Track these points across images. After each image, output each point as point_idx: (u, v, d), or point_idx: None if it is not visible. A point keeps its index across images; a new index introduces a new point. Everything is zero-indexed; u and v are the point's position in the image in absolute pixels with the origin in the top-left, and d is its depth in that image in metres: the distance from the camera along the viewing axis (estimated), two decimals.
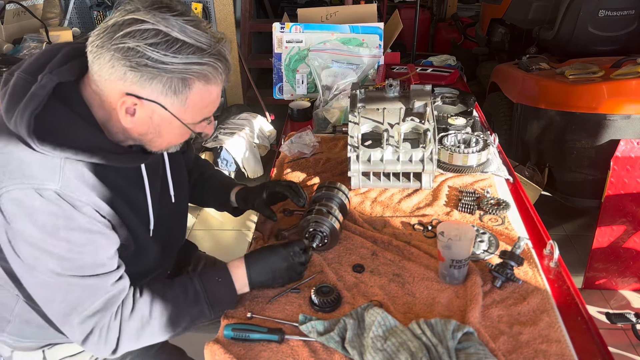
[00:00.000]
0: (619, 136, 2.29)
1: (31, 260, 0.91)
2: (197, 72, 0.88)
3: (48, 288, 0.93)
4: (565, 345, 0.98)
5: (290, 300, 1.13)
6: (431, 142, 1.46)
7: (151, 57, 0.84)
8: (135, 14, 0.85)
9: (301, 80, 2.39)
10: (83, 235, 0.92)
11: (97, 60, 0.88)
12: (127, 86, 0.88)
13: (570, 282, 1.16)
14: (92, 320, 0.95)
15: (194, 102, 0.92)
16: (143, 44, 0.84)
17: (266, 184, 1.33)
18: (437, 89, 2.07)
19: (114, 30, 0.85)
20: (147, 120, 0.93)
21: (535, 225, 1.38)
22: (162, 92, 0.89)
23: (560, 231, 2.82)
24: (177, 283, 1.05)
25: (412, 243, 1.30)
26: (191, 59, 0.86)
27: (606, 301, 2.33)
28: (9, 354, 1.20)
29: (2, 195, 0.87)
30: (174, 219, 1.21)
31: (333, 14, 2.58)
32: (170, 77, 0.87)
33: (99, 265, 0.94)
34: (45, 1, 3.01)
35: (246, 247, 1.40)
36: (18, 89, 0.90)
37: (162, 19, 0.85)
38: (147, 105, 0.90)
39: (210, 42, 0.88)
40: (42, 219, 0.88)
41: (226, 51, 0.92)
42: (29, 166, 0.88)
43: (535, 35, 3.24)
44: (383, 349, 0.97)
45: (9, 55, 2.49)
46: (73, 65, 0.93)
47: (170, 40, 0.85)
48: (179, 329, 1.03)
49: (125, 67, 0.85)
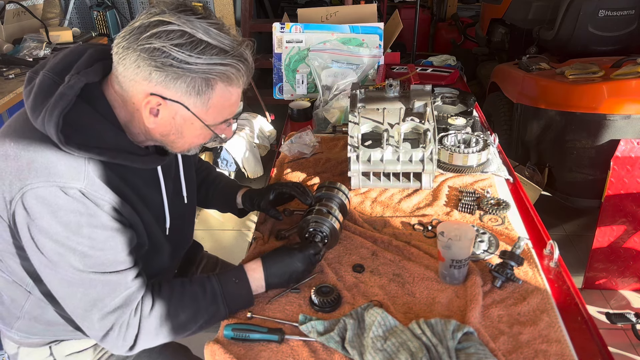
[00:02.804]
0: (619, 136, 2.29)
1: (54, 256, 0.92)
2: (220, 72, 0.91)
3: (69, 284, 0.95)
4: (565, 345, 0.98)
5: (290, 300, 1.13)
6: (431, 142, 1.46)
7: (176, 58, 0.87)
8: (161, 16, 0.87)
9: (301, 80, 2.39)
10: (105, 232, 0.94)
11: (122, 61, 0.90)
12: (151, 86, 0.90)
13: (570, 282, 1.16)
14: (113, 317, 0.96)
15: (216, 103, 0.95)
16: (169, 45, 0.86)
17: (272, 185, 1.36)
18: (437, 89, 2.07)
19: (140, 31, 0.88)
20: (170, 120, 0.95)
21: (535, 225, 1.38)
22: (185, 92, 0.91)
23: (560, 231, 2.82)
24: (195, 282, 1.06)
25: (412, 243, 1.30)
26: (215, 60, 0.89)
27: (606, 301, 2.33)
28: (15, 350, 1.21)
29: (27, 192, 0.89)
30: (185, 219, 1.24)
31: (333, 14, 2.58)
32: (194, 77, 0.90)
33: (120, 262, 0.96)
34: (45, 1, 3.01)
35: (246, 247, 1.40)
36: (45, 88, 0.92)
37: (187, 21, 0.87)
38: (170, 105, 0.93)
39: (232, 45, 0.91)
40: (67, 216, 0.90)
41: (248, 54, 0.95)
42: (54, 164, 0.90)
43: (535, 35, 3.24)
44: (383, 349, 0.97)
45: (9, 55, 2.49)
46: (98, 66, 0.96)
47: (195, 42, 0.87)
48: (195, 327, 1.04)
49: (150, 67, 0.88)
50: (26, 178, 0.89)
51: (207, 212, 2.98)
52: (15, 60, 2.43)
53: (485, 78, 3.77)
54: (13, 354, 1.21)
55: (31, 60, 2.47)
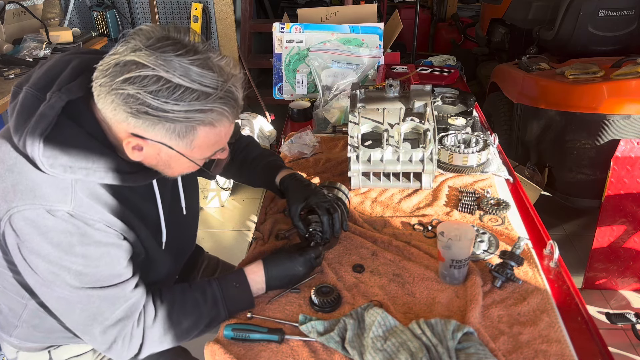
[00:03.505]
0: (619, 136, 2.29)
1: (49, 276, 0.90)
2: (200, 119, 0.85)
3: (67, 302, 0.93)
4: (565, 345, 0.98)
5: (290, 300, 1.13)
6: (431, 142, 1.46)
7: (152, 105, 0.81)
8: (137, 55, 0.80)
9: (301, 80, 2.39)
10: (98, 249, 0.91)
11: (100, 99, 0.85)
12: (130, 128, 0.86)
13: (570, 282, 1.16)
14: (115, 329, 0.95)
15: (201, 143, 0.89)
16: (143, 92, 0.80)
17: (311, 193, 1.23)
18: (437, 89, 2.07)
19: (115, 72, 0.81)
20: (155, 156, 0.91)
21: (535, 225, 1.38)
22: (166, 135, 0.86)
23: (560, 231, 2.82)
24: (196, 287, 1.05)
25: (412, 243, 1.30)
26: (194, 106, 0.82)
27: (606, 301, 2.33)
28: (14, 355, 1.20)
29: (14, 215, 0.86)
30: (184, 229, 1.21)
31: (333, 14, 2.58)
32: (173, 124, 0.84)
33: (116, 276, 0.94)
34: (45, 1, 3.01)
35: (246, 247, 1.40)
36: (27, 106, 0.87)
37: (163, 62, 0.80)
38: (152, 144, 0.88)
39: (217, 84, 0.83)
40: (57, 237, 0.87)
41: (236, 88, 0.88)
42: (39, 186, 0.86)
43: (535, 35, 3.24)
44: (383, 349, 0.97)
45: (9, 55, 2.49)
46: (82, 80, 0.90)
47: (172, 87, 0.80)
48: (197, 332, 1.05)
49: (126, 112, 0.83)
50: (12, 200, 0.86)
51: (206, 212, 2.98)
52: (15, 60, 2.43)
53: (485, 78, 3.77)
54: (12, 358, 1.21)
55: (31, 61, 2.47)
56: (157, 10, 3.35)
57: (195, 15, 3.40)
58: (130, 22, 3.66)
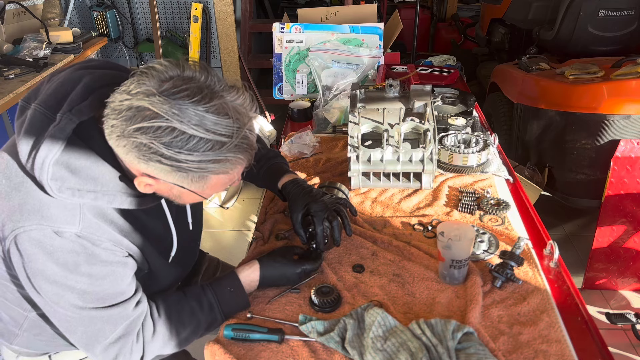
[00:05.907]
0: (619, 136, 2.29)
1: (53, 297, 0.90)
2: (214, 169, 0.83)
3: (69, 322, 0.93)
4: (565, 345, 0.98)
5: (290, 300, 1.13)
6: (431, 142, 1.46)
7: (165, 155, 0.79)
8: (150, 102, 0.77)
9: (301, 80, 2.39)
10: (105, 268, 0.91)
11: (111, 139, 0.83)
12: (142, 169, 0.84)
13: (570, 282, 1.16)
14: (116, 347, 0.95)
15: (214, 185, 0.89)
16: (157, 142, 0.78)
17: (311, 200, 1.20)
18: (437, 89, 2.07)
19: (127, 117, 0.79)
20: (168, 191, 0.91)
21: (535, 225, 1.38)
22: (178, 181, 0.85)
23: (560, 231, 2.82)
24: (191, 296, 1.06)
25: (412, 243, 1.30)
26: (208, 156, 0.81)
27: (606, 301, 2.33)
28: (13, 359, 1.20)
29: (19, 235, 0.85)
30: (190, 243, 1.21)
31: (333, 14, 2.58)
32: (185, 173, 0.83)
33: (119, 294, 0.94)
34: (45, 1, 3.01)
35: (246, 247, 1.40)
36: (35, 126, 0.84)
37: (178, 112, 0.77)
38: (165, 183, 0.87)
39: (232, 131, 0.81)
40: (63, 256, 0.87)
41: (251, 132, 0.86)
42: (47, 207, 0.85)
43: (535, 35, 3.24)
44: (383, 349, 0.97)
45: (9, 56, 2.49)
46: (93, 100, 0.87)
47: (186, 138, 0.78)
48: (195, 338, 1.06)
49: (139, 159, 0.81)
50: (18, 220, 0.85)
51: (206, 212, 2.98)
52: (15, 60, 2.43)
53: (485, 78, 3.77)
54: None
55: (31, 61, 2.47)
56: (157, 10, 3.35)
57: (195, 15, 3.40)
58: (130, 22, 3.67)
